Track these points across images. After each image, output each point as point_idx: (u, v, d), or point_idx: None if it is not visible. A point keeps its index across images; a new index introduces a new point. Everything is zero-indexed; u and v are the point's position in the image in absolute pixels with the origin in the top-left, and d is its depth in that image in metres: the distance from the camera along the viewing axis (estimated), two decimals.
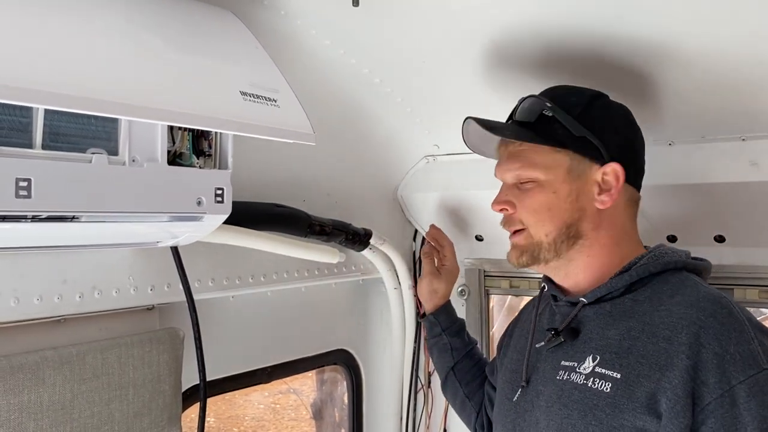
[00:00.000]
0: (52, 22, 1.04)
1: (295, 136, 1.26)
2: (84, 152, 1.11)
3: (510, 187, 1.45)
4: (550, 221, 1.39)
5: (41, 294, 1.34)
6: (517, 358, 1.55)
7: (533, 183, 1.40)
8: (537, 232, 1.40)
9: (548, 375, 1.39)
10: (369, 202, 2.17)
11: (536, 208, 1.39)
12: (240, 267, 1.71)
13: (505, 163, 1.45)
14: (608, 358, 1.28)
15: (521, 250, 1.43)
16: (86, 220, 1.14)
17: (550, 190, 1.39)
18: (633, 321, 1.30)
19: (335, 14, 1.56)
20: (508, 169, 1.44)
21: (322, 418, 4.03)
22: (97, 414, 1.38)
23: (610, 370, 1.26)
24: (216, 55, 1.25)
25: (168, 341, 1.51)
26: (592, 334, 1.35)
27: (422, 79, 1.81)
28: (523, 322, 1.66)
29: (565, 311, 1.44)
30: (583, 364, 1.32)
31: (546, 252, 1.40)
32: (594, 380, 1.27)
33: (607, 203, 1.38)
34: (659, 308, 1.28)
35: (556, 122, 1.38)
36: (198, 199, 1.25)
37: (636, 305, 1.32)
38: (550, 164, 1.38)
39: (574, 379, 1.32)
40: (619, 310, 1.34)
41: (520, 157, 1.41)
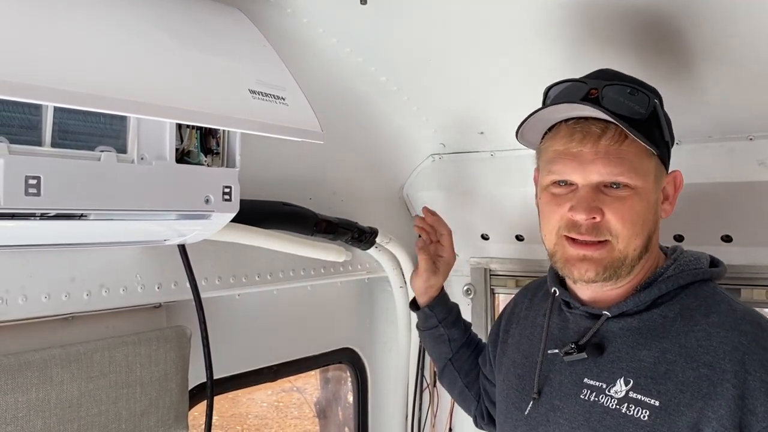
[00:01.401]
0: (61, 20, 1.04)
1: (303, 134, 1.26)
2: (93, 150, 1.11)
3: (593, 189, 1.23)
4: (642, 234, 1.24)
5: (49, 292, 1.34)
6: (522, 362, 1.46)
7: (628, 190, 1.22)
8: (627, 245, 1.23)
9: (567, 391, 1.30)
10: (375, 201, 2.17)
11: (633, 219, 1.22)
12: (247, 265, 1.71)
13: (599, 163, 1.21)
14: (644, 383, 1.19)
15: (603, 266, 1.24)
16: (95, 218, 1.14)
17: (645, 200, 1.24)
18: (667, 342, 1.21)
19: (342, 12, 1.56)
20: (609, 172, 1.21)
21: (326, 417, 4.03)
22: (105, 412, 1.38)
23: (647, 397, 1.18)
24: (224, 53, 1.25)
25: (175, 339, 1.52)
26: (621, 353, 1.25)
27: (429, 78, 1.81)
28: (522, 318, 1.55)
29: (584, 323, 1.34)
30: (613, 387, 1.23)
31: (627, 268, 1.25)
32: (629, 406, 1.19)
33: (669, 212, 1.31)
34: (694, 328, 1.20)
35: (655, 123, 1.24)
36: (206, 197, 1.25)
37: (667, 323, 1.24)
38: (647, 170, 1.24)
39: (604, 402, 1.22)
40: (648, 327, 1.25)
41: (624, 160, 1.21)
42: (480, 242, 2.20)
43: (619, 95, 1.21)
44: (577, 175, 1.23)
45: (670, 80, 1.52)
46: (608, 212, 1.22)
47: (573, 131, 1.23)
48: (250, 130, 1.17)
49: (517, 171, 1.99)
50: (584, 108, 1.19)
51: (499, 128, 1.95)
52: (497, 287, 2.26)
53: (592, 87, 1.23)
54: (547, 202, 1.30)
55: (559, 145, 1.25)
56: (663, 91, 1.52)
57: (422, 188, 2.21)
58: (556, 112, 1.24)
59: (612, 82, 1.23)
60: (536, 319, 1.49)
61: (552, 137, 1.28)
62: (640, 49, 1.46)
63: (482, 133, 1.98)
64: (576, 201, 1.23)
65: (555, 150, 1.26)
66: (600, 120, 1.21)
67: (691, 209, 1.70)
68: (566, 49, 1.54)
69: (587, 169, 1.22)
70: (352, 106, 1.92)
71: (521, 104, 1.77)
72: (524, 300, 1.60)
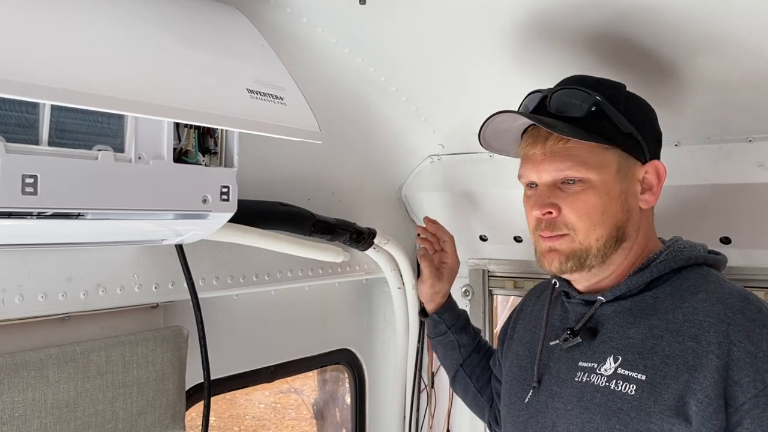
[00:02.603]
0: (59, 19, 1.03)
1: (301, 134, 1.25)
2: (90, 149, 1.11)
3: (550, 188, 1.32)
4: (602, 225, 1.30)
5: (46, 291, 1.34)
6: (524, 354, 1.50)
7: (582, 184, 1.29)
8: (587, 237, 1.30)
9: (564, 376, 1.35)
10: (373, 201, 2.17)
11: (589, 211, 1.29)
12: (244, 265, 1.71)
13: (547, 162, 1.31)
14: (631, 359, 1.23)
15: (566, 256, 1.32)
16: (92, 218, 1.13)
17: (603, 192, 1.29)
18: (655, 319, 1.25)
19: (341, 12, 1.56)
20: (555, 169, 1.30)
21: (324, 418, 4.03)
22: (101, 412, 1.38)
23: (633, 372, 1.21)
24: (223, 53, 1.25)
25: (172, 339, 1.51)
26: (612, 334, 1.30)
27: (427, 78, 1.81)
28: (527, 314, 1.61)
29: (580, 310, 1.39)
30: (603, 365, 1.27)
31: (593, 258, 1.31)
32: (617, 382, 1.23)
33: (650, 202, 1.35)
34: (682, 305, 1.24)
35: (605, 118, 1.30)
36: (203, 197, 1.25)
37: (657, 302, 1.28)
38: (602, 163, 1.29)
39: (594, 381, 1.27)
40: (640, 307, 1.30)
41: (569, 156, 1.29)
42: (478, 243, 2.20)
43: (562, 97, 1.32)
44: (533, 176, 1.35)
45: (666, 82, 1.52)
46: (564, 207, 1.30)
47: (527, 136, 1.36)
48: (248, 130, 1.17)
49: (515, 172, 1.98)
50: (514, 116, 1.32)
51: None
52: (495, 288, 2.26)
53: (545, 95, 1.35)
54: (524, 203, 1.41)
55: (521, 150, 1.38)
56: (659, 93, 1.53)
57: (421, 189, 2.21)
58: (505, 122, 1.35)
59: (560, 87, 1.34)
60: (540, 313, 1.54)
61: (520, 143, 1.39)
62: (638, 50, 1.46)
63: None
64: (534, 200, 1.34)
65: (521, 154, 1.38)
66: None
67: (689, 211, 1.70)
68: (564, 51, 1.54)
69: (539, 169, 1.33)
70: (351, 106, 1.92)
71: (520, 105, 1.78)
72: (531, 299, 1.66)
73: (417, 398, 2.33)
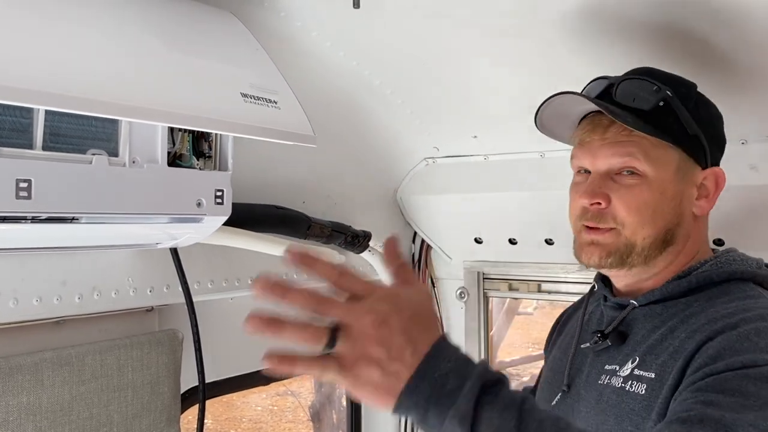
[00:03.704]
0: (53, 24, 1.04)
1: (295, 138, 1.26)
2: (84, 153, 1.11)
3: (603, 177, 1.25)
4: (651, 224, 1.23)
5: (41, 295, 1.34)
6: (560, 357, 1.44)
7: (638, 177, 1.23)
8: (634, 233, 1.23)
9: (591, 379, 1.29)
10: (368, 204, 2.17)
11: (640, 207, 1.22)
12: (239, 269, 1.71)
13: (606, 149, 1.24)
14: (647, 360, 1.19)
15: (608, 250, 1.24)
16: (86, 222, 1.14)
17: (658, 189, 1.23)
18: (677, 322, 1.20)
19: (336, 16, 1.56)
20: (614, 155, 1.23)
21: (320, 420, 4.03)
22: (96, 416, 1.38)
23: (646, 371, 1.18)
24: (216, 57, 1.25)
25: (167, 343, 1.51)
26: (638, 337, 1.25)
27: (422, 82, 1.81)
28: (573, 319, 1.53)
29: (613, 313, 1.33)
30: (623, 368, 1.22)
31: (636, 257, 1.24)
32: (631, 383, 1.19)
33: (705, 210, 1.29)
34: (707, 311, 1.18)
35: (672, 115, 1.24)
36: (198, 201, 1.25)
37: (688, 309, 1.22)
38: (662, 160, 1.23)
39: (613, 383, 1.22)
40: (670, 313, 1.23)
41: (630, 146, 1.23)
42: (473, 246, 2.20)
43: (631, 87, 1.25)
44: (587, 161, 1.28)
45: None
46: (614, 199, 1.23)
47: (586, 123, 1.29)
48: (242, 134, 1.17)
49: (510, 175, 1.99)
50: (576, 100, 1.25)
51: (493, 132, 1.95)
52: (490, 291, 2.26)
53: (611, 82, 1.27)
54: (571, 191, 1.32)
55: (578, 135, 1.30)
56: None
57: (416, 192, 2.21)
58: (566, 105, 1.28)
59: (629, 77, 1.27)
60: (577, 315, 1.49)
61: (577, 128, 1.33)
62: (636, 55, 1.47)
63: (476, 137, 1.98)
64: (584, 188, 1.26)
65: (577, 139, 1.31)
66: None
67: None
68: (561, 55, 1.55)
69: (596, 155, 1.26)
70: (346, 109, 1.92)
71: (515, 109, 1.79)
72: (581, 304, 1.54)
73: None
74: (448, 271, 2.33)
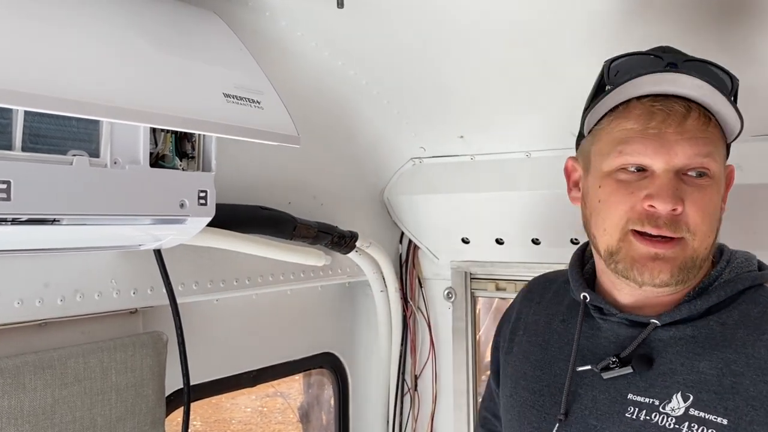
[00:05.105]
0: (33, 23, 1.03)
1: (278, 138, 1.25)
2: (65, 154, 1.10)
3: (675, 177, 1.06)
4: (714, 230, 1.10)
5: (22, 298, 1.32)
6: (536, 375, 1.26)
7: (709, 179, 1.07)
8: (702, 243, 1.07)
9: (606, 409, 1.13)
10: (355, 205, 2.16)
11: (711, 213, 1.08)
12: (224, 270, 1.70)
13: (685, 144, 1.06)
14: (706, 398, 1.04)
15: (678, 266, 1.07)
16: (68, 223, 1.12)
17: (719, 192, 1.10)
18: (730, 352, 1.07)
19: (321, 16, 1.56)
20: (695, 154, 1.06)
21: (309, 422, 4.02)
22: (79, 419, 1.37)
23: (712, 414, 1.03)
24: (199, 57, 1.24)
25: (151, 345, 1.50)
26: (675, 365, 1.09)
27: (409, 81, 1.81)
28: (530, 324, 1.35)
29: (623, 332, 1.17)
30: (669, 404, 1.07)
31: (696, 270, 1.09)
32: (691, 425, 1.03)
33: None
34: (762, 338, 1.06)
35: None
36: (181, 202, 1.24)
37: (727, 331, 1.09)
38: (723, 159, 1.11)
39: (658, 422, 1.06)
40: (706, 336, 1.10)
41: (710, 142, 1.07)
42: (460, 246, 2.20)
43: (704, 70, 1.08)
44: (658, 158, 1.06)
45: None
46: (688, 203, 1.06)
47: (652, 110, 1.07)
48: (224, 134, 1.16)
49: (497, 175, 1.99)
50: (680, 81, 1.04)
51: (479, 132, 1.95)
52: (478, 291, 2.26)
53: (670, 61, 1.08)
54: (613, 191, 1.10)
55: (634, 124, 1.08)
56: None
57: (403, 192, 2.21)
58: (640, 85, 1.07)
59: (690, 58, 1.10)
60: (551, 324, 1.30)
61: (621, 116, 1.11)
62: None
63: (462, 137, 1.98)
64: (656, 188, 1.06)
65: (629, 129, 1.09)
66: (680, 98, 1.07)
67: None
68: (546, 55, 1.55)
69: (671, 151, 1.05)
70: (332, 109, 1.91)
71: (501, 108, 1.79)
72: (529, 303, 1.40)
73: (400, 401, 2.33)
74: (435, 271, 2.33)
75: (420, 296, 2.35)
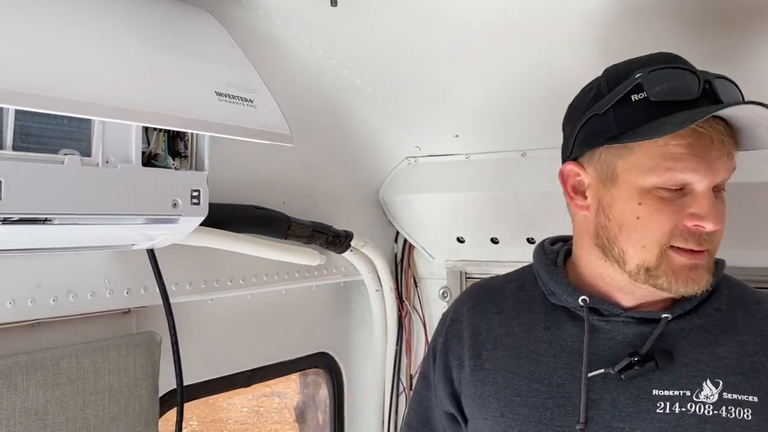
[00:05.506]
0: (23, 21, 1.02)
1: (271, 137, 1.24)
2: (56, 153, 1.09)
3: (713, 196, 1.10)
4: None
5: (14, 298, 1.32)
6: (534, 389, 1.21)
7: (724, 192, 1.14)
8: (716, 249, 1.15)
9: (630, 409, 1.13)
10: (350, 204, 2.16)
11: (724, 221, 1.14)
12: (218, 270, 1.69)
13: (725, 161, 1.09)
14: (734, 381, 1.11)
15: (709, 272, 1.14)
16: (59, 223, 1.12)
17: None
18: (740, 335, 1.15)
19: (314, 14, 1.55)
20: (729, 169, 1.11)
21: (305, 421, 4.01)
22: (72, 419, 1.36)
23: (743, 395, 1.09)
24: (191, 55, 1.23)
25: (144, 345, 1.49)
26: (696, 355, 1.14)
27: (403, 81, 1.80)
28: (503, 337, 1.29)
29: (632, 330, 1.18)
30: (702, 392, 1.11)
31: None
32: (729, 408, 1.09)
33: None
34: (757, 316, 1.17)
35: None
36: (174, 201, 1.24)
37: (727, 315, 1.18)
38: None
39: (696, 411, 1.10)
40: (714, 323, 1.17)
41: (733, 156, 1.12)
42: (456, 245, 2.20)
43: (729, 87, 1.11)
44: (705, 177, 1.08)
45: None
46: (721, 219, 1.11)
47: (699, 130, 1.06)
48: (216, 133, 1.16)
49: (492, 174, 1.99)
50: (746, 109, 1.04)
51: (475, 131, 1.95)
52: None
53: (706, 78, 1.09)
54: (657, 209, 1.10)
55: (683, 142, 1.07)
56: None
57: (398, 191, 2.20)
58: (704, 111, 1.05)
59: (719, 75, 1.11)
60: (532, 334, 1.26)
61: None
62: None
63: (457, 136, 1.98)
64: (704, 209, 1.08)
65: (677, 147, 1.07)
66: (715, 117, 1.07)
67: None
68: (540, 53, 1.54)
69: (716, 170, 1.08)
70: (326, 108, 1.91)
71: (496, 107, 1.79)
72: (484, 315, 1.34)
73: (396, 401, 2.33)
74: (430, 270, 2.33)
75: (415, 296, 2.35)
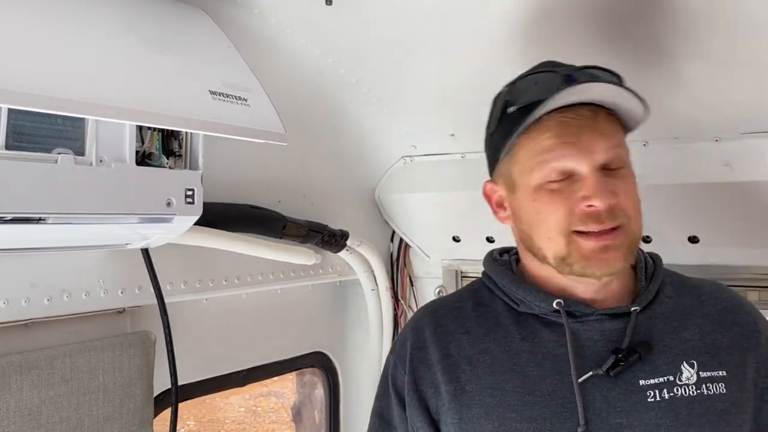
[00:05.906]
0: (17, 20, 1.02)
1: (266, 135, 1.24)
2: (50, 152, 1.09)
3: (601, 173, 1.13)
4: (641, 212, 1.18)
5: (8, 298, 1.31)
6: (529, 401, 1.18)
7: (626, 169, 1.17)
8: (637, 225, 1.16)
9: (623, 403, 1.14)
10: (346, 203, 2.16)
11: (636, 197, 1.16)
12: (213, 269, 1.69)
13: (601, 140, 1.13)
14: (705, 360, 1.18)
15: (624, 252, 1.14)
16: (53, 222, 1.11)
17: (635, 177, 1.19)
18: (695, 317, 1.23)
19: (309, 13, 1.55)
20: (611, 146, 1.14)
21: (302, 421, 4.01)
22: (66, 419, 1.36)
23: (714, 371, 1.17)
24: (185, 54, 1.23)
25: (139, 345, 1.49)
26: (667, 341, 1.19)
27: (399, 80, 1.80)
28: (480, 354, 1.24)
29: (610, 326, 1.20)
30: (683, 374, 1.16)
31: (634, 252, 1.19)
32: (707, 386, 1.16)
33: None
34: (701, 299, 1.27)
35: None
36: (168, 200, 1.23)
37: (679, 302, 1.26)
38: (627, 148, 1.20)
39: (683, 393, 1.15)
40: (671, 310, 1.24)
41: (616, 132, 1.16)
42: (451, 244, 2.20)
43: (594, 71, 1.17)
44: (583, 160, 1.12)
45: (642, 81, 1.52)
46: (620, 192, 1.13)
47: (564, 120, 1.13)
48: (210, 132, 1.16)
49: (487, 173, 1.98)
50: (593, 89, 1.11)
51: (470, 130, 1.94)
52: None
53: (567, 73, 1.15)
54: (549, 200, 1.15)
55: (551, 136, 1.14)
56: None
57: (394, 190, 2.20)
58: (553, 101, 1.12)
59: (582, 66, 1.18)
60: (510, 347, 1.23)
61: (536, 132, 1.15)
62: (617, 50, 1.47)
63: (453, 135, 1.98)
64: (591, 189, 1.11)
65: (546, 141, 1.14)
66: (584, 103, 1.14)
67: (657, 210, 1.71)
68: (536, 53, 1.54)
69: (593, 149, 1.12)
70: (322, 107, 1.91)
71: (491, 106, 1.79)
72: (450, 337, 1.29)
73: None
74: (426, 269, 2.33)
75: (411, 295, 2.35)
